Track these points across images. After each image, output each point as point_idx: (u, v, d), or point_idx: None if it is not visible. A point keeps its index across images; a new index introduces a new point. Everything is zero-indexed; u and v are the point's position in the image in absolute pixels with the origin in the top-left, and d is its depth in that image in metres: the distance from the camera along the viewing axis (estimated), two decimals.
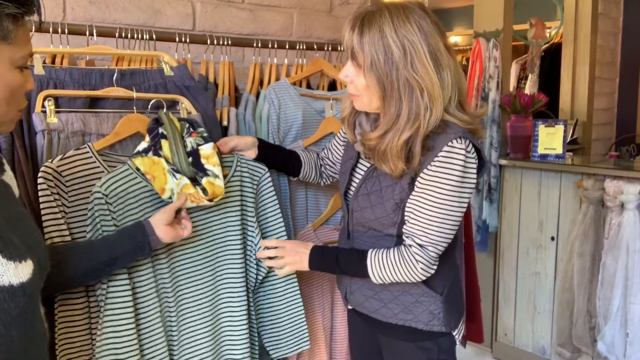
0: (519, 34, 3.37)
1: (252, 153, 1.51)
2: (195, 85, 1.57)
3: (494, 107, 2.81)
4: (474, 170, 1.25)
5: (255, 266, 1.50)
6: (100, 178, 1.30)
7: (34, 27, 1.43)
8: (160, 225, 1.23)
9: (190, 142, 1.36)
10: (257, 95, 1.75)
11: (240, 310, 1.46)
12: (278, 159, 1.58)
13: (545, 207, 2.69)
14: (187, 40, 1.66)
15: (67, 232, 1.25)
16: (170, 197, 1.31)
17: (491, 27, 2.85)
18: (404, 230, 1.30)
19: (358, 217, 1.39)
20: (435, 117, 1.20)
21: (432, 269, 1.29)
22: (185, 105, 1.51)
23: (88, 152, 1.33)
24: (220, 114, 1.61)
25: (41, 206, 1.23)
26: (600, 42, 3.75)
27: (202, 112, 1.53)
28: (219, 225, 1.45)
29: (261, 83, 1.79)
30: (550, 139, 2.71)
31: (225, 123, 1.60)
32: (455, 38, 5.83)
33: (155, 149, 1.31)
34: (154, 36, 1.61)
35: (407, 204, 1.28)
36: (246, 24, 2.11)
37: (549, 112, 3.40)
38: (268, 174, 1.52)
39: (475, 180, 1.27)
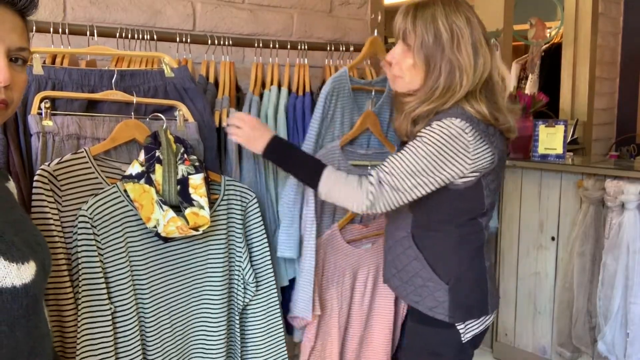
0: (519, 34, 3.37)
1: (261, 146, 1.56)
2: (194, 87, 1.55)
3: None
4: (466, 153, 1.32)
5: (242, 291, 1.52)
6: (92, 184, 1.31)
7: (34, 27, 1.43)
8: None
9: (181, 169, 1.36)
10: (261, 96, 1.74)
11: (217, 338, 1.47)
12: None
13: (546, 207, 2.69)
14: (188, 40, 1.66)
15: (55, 237, 1.25)
16: (155, 227, 1.31)
17: (491, 27, 2.85)
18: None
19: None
20: (459, 96, 1.34)
21: (374, 208, 1.36)
22: (183, 112, 1.49)
23: (84, 156, 1.33)
24: (220, 115, 1.61)
25: (32, 209, 1.23)
26: (601, 42, 3.75)
27: (198, 119, 1.52)
28: (202, 251, 1.46)
29: (263, 84, 1.79)
30: (550, 139, 2.71)
31: (225, 124, 1.60)
32: None
33: (148, 173, 1.32)
34: (154, 36, 1.61)
35: None
36: (246, 24, 2.11)
37: (549, 112, 3.40)
38: (255, 199, 1.54)
39: (464, 164, 1.33)
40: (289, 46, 1.81)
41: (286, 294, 1.75)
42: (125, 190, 1.32)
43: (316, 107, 1.68)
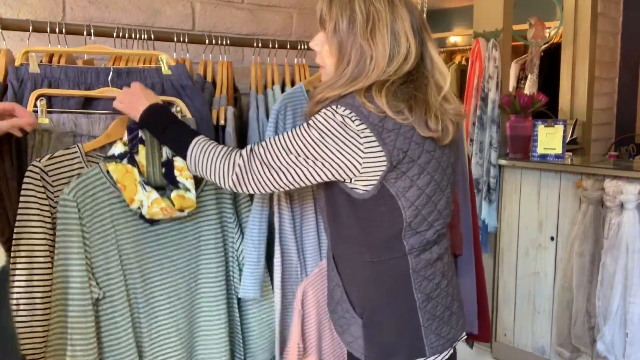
0: (519, 34, 3.37)
1: None
2: (192, 85, 1.55)
3: (494, 107, 2.81)
4: (357, 144, 1.14)
5: (238, 272, 1.50)
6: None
7: (31, 27, 1.43)
8: None
9: (165, 152, 1.36)
10: (264, 95, 1.73)
11: (219, 321, 1.46)
12: None
13: (545, 207, 2.69)
14: (186, 40, 1.66)
15: (41, 232, 1.25)
16: (139, 208, 1.30)
17: (491, 27, 2.85)
18: None
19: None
20: (364, 85, 1.17)
21: (243, 184, 1.21)
22: (181, 108, 1.49)
23: (76, 152, 1.32)
24: (217, 113, 1.61)
25: (21, 204, 1.23)
26: (600, 42, 3.75)
27: (196, 115, 1.51)
28: (194, 233, 1.45)
29: (265, 85, 1.79)
30: (549, 139, 2.71)
31: (222, 122, 1.59)
32: (455, 38, 5.83)
33: (131, 153, 1.31)
34: (152, 36, 1.61)
35: None
36: (245, 23, 2.11)
37: (549, 112, 3.40)
38: None
39: (356, 156, 1.15)
40: (288, 46, 1.80)
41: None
42: (107, 172, 1.30)
43: (268, 124, 1.51)
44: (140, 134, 1.33)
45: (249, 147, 1.22)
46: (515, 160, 2.80)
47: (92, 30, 1.50)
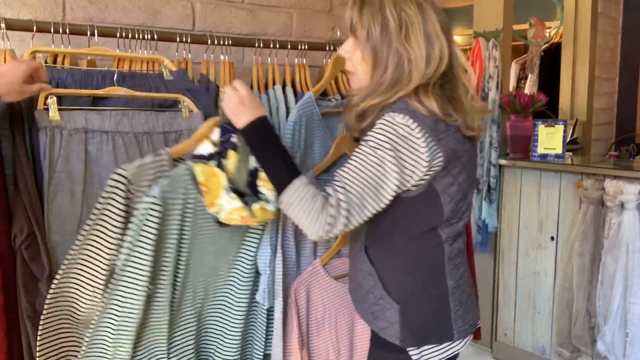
0: (519, 34, 3.37)
1: None
2: (195, 86, 1.57)
3: (494, 107, 2.81)
4: (420, 151, 1.17)
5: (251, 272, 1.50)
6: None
7: (35, 27, 1.43)
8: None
9: (252, 160, 1.32)
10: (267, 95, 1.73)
11: (237, 326, 1.47)
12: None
13: (545, 207, 2.69)
14: (187, 40, 1.66)
15: (111, 241, 1.22)
16: (217, 212, 1.27)
17: (491, 27, 2.85)
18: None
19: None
20: (409, 89, 1.20)
21: (331, 234, 1.18)
22: (187, 104, 1.51)
23: (165, 159, 1.30)
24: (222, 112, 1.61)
25: (98, 209, 1.21)
26: (600, 42, 3.75)
27: (203, 112, 1.53)
28: (239, 240, 1.45)
29: (266, 85, 1.79)
30: (550, 139, 2.71)
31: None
32: (455, 38, 5.82)
33: (219, 155, 1.27)
34: (154, 36, 1.61)
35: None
36: (246, 24, 2.11)
37: (549, 112, 3.40)
38: None
39: (421, 164, 1.17)
40: (288, 46, 1.81)
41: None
42: (192, 171, 1.27)
43: (285, 135, 1.51)
44: (233, 138, 1.28)
45: (333, 199, 1.16)
46: (515, 160, 2.80)
47: (95, 31, 1.51)
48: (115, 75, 1.46)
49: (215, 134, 1.31)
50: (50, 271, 1.28)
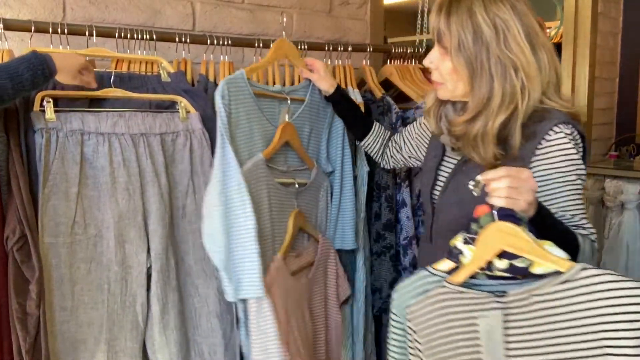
0: None
1: (330, 87, 1.63)
2: (192, 88, 1.58)
3: None
4: (581, 158, 1.15)
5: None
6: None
7: (33, 28, 1.43)
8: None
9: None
10: None
11: None
12: (352, 111, 1.68)
13: None
14: (187, 40, 1.66)
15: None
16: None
17: None
18: (575, 222, 1.21)
19: (444, 218, 1.28)
20: (534, 98, 1.12)
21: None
22: (184, 105, 1.51)
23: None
24: None
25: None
26: (600, 42, 3.74)
27: (201, 112, 1.54)
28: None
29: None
30: None
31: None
32: None
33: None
34: (154, 36, 1.61)
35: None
36: (246, 24, 2.11)
37: None
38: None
39: (585, 169, 1.16)
40: None
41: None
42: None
43: (217, 109, 1.44)
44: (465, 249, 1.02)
45: (594, 235, 1.24)
46: None
47: (94, 31, 1.51)
48: (112, 77, 1.46)
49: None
50: (40, 274, 1.26)
